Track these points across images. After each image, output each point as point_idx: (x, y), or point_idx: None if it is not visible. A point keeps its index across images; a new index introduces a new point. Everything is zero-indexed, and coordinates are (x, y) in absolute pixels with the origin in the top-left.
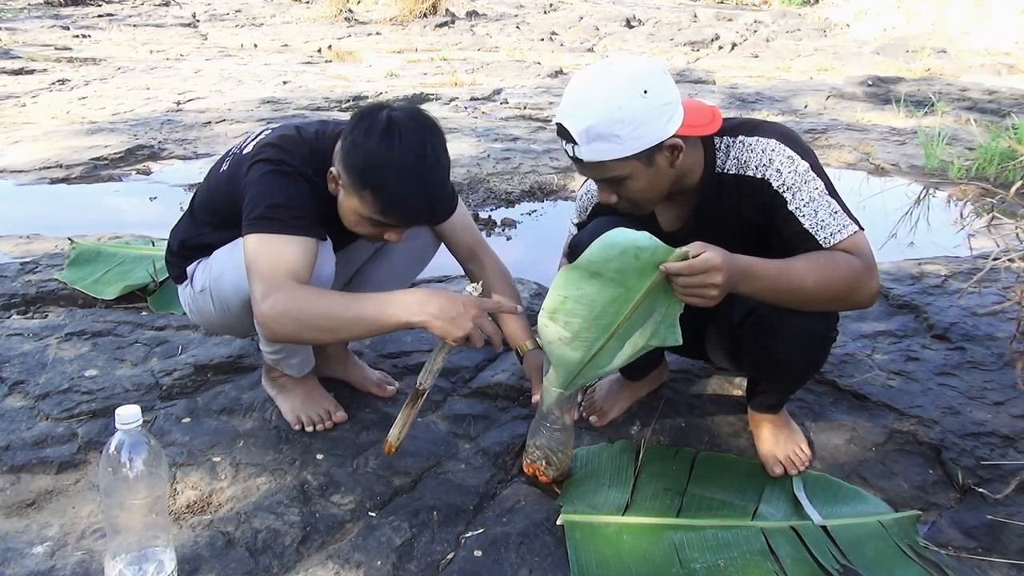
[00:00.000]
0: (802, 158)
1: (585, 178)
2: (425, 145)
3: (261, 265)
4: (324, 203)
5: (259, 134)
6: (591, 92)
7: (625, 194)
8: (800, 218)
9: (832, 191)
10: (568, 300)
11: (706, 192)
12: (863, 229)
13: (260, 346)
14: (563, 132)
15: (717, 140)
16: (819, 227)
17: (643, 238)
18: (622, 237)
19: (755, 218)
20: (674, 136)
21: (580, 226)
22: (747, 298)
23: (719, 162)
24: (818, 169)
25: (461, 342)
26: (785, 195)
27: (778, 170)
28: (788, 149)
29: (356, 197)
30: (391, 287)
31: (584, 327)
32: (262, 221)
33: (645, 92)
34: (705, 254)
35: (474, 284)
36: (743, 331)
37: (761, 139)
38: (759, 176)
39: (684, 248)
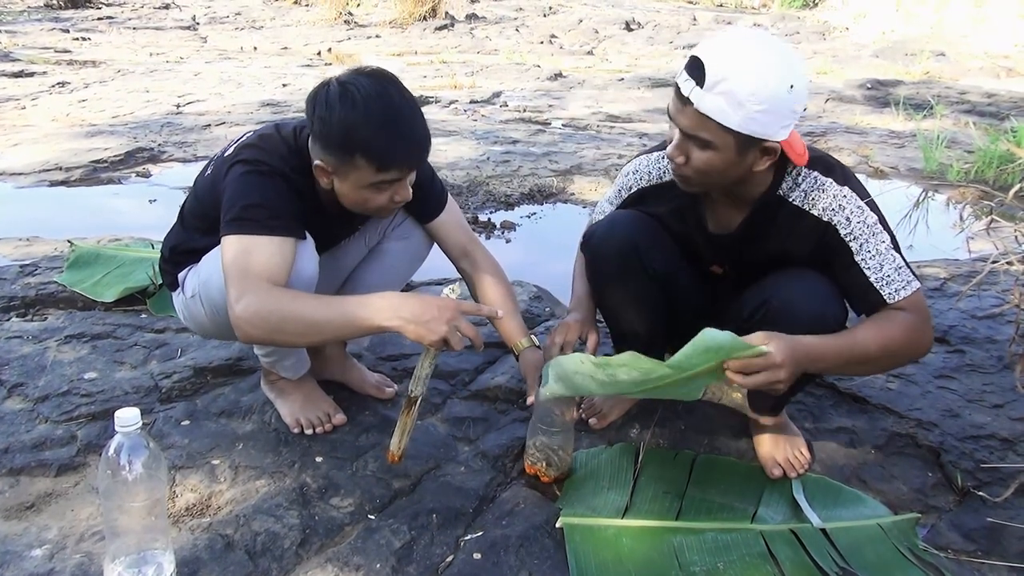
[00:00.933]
0: (871, 211)
1: (636, 156)
2: (385, 87)
3: (236, 267)
4: (305, 201)
5: (241, 137)
6: (752, 51)
7: (696, 162)
8: (865, 270)
9: (896, 246)
10: (626, 366)
11: (763, 208)
12: (921, 285)
13: (255, 349)
14: (695, 68)
15: (789, 165)
16: (885, 282)
17: (729, 340)
18: (718, 342)
19: (801, 252)
20: (777, 144)
21: (618, 208)
22: (757, 293)
23: (785, 187)
24: (884, 223)
25: (439, 346)
26: (852, 245)
27: (847, 218)
28: (859, 200)
29: (351, 171)
30: (385, 289)
31: (623, 381)
32: (237, 222)
33: (791, 88)
34: (769, 352)
35: (451, 286)
36: (752, 326)
37: (835, 184)
38: (825, 219)
39: (759, 348)
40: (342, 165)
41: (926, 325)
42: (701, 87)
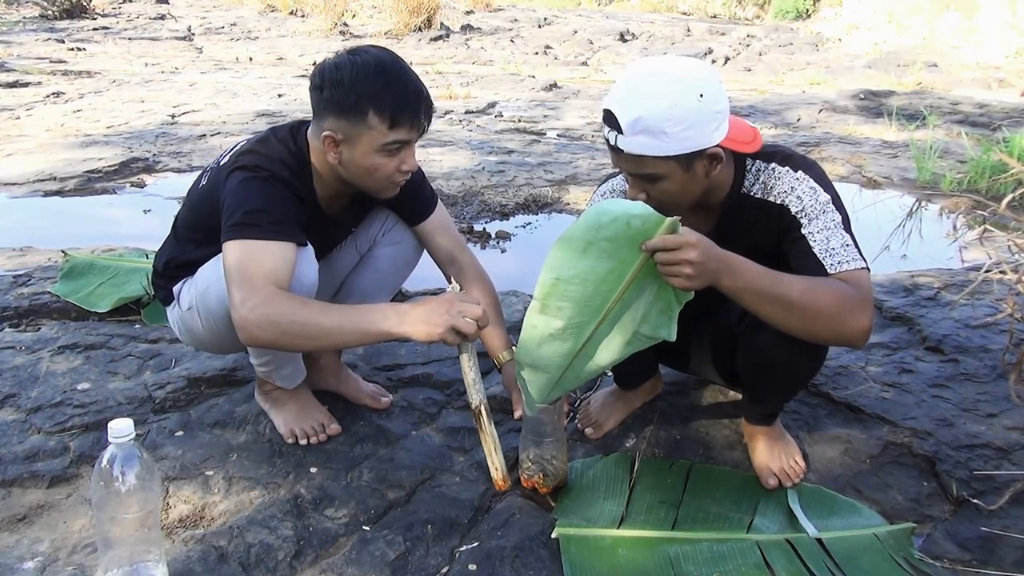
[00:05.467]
0: (825, 190)
1: (603, 180)
2: (390, 53)
3: (240, 270)
4: (305, 207)
5: (235, 146)
6: (648, 84)
7: (656, 194)
8: (811, 243)
9: (848, 227)
10: (560, 282)
11: (729, 211)
12: (869, 270)
13: (251, 359)
14: (610, 119)
15: (750, 162)
16: (828, 254)
17: (636, 206)
18: (615, 205)
19: (768, 243)
20: (717, 146)
21: None
22: None
23: (747, 183)
24: (838, 204)
25: (452, 336)
26: (801, 220)
27: (799, 197)
28: (813, 181)
29: (363, 133)
30: (378, 295)
31: (576, 311)
32: (240, 227)
33: (701, 96)
34: (682, 229)
35: (452, 285)
36: (742, 328)
37: (791, 170)
38: (779, 202)
39: (675, 218)
40: (354, 128)
41: (862, 304)
42: (622, 134)
